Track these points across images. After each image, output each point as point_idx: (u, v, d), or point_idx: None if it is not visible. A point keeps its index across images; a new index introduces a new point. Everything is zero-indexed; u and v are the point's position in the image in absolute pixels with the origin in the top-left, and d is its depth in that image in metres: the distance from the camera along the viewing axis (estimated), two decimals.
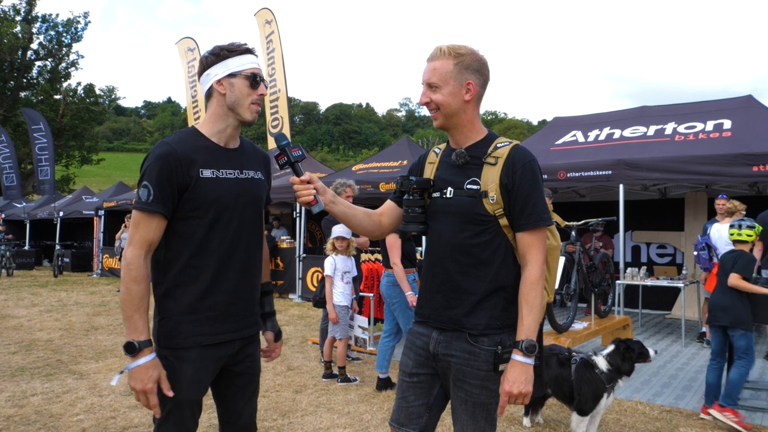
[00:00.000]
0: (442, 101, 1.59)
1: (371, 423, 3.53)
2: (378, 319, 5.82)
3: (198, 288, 1.61)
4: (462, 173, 1.63)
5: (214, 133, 1.68)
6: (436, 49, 1.61)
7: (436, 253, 1.66)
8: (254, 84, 1.66)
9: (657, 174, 6.28)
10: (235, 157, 1.71)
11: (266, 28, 10.69)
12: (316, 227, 13.52)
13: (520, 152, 1.60)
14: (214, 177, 1.63)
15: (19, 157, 21.37)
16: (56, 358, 5.15)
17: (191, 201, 1.59)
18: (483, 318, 1.59)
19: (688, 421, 3.64)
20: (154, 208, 1.55)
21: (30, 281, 12.83)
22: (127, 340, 1.52)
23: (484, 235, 1.59)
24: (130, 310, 1.52)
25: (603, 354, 3.20)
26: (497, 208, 1.57)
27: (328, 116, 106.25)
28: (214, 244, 1.63)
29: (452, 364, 1.62)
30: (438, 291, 1.65)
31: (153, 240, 1.57)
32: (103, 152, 34.59)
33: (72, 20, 26.74)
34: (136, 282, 1.52)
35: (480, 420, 1.61)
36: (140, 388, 1.51)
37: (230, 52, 1.65)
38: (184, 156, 1.58)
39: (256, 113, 1.68)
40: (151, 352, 1.53)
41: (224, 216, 1.64)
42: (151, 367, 1.52)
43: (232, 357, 1.69)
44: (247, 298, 1.71)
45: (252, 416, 1.81)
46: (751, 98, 7.62)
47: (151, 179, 1.55)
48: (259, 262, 1.78)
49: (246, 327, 1.71)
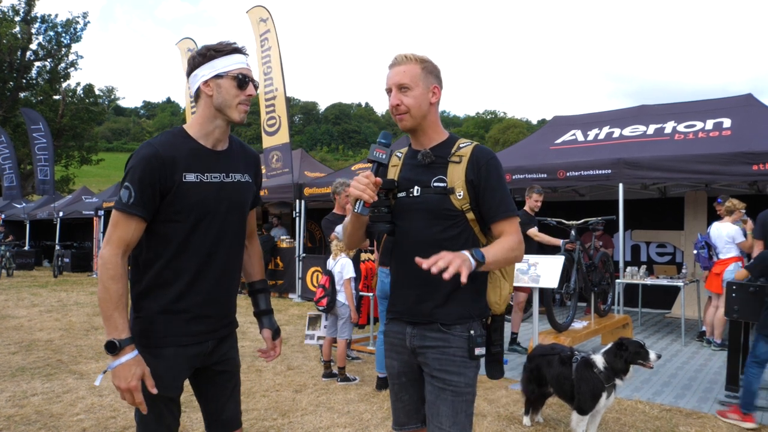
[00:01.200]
0: (412, 104, 1.68)
1: (371, 422, 3.53)
2: (377, 318, 5.82)
3: (175, 289, 1.61)
4: (428, 172, 1.71)
5: (202, 135, 1.66)
6: (399, 56, 1.70)
7: (406, 250, 1.72)
8: (242, 84, 1.63)
9: (657, 173, 6.28)
10: (222, 159, 1.69)
11: (261, 26, 10.45)
12: (315, 227, 13.52)
13: (483, 150, 1.71)
14: (197, 181, 1.61)
15: (18, 158, 21.35)
16: (56, 358, 5.15)
17: (173, 204, 1.58)
18: (455, 309, 1.67)
19: (688, 420, 3.65)
20: (134, 211, 1.54)
21: (30, 281, 12.82)
22: (108, 339, 1.51)
23: (452, 230, 1.67)
24: (109, 309, 1.51)
25: (601, 353, 3.20)
26: (464, 203, 1.66)
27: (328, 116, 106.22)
28: (194, 248, 1.62)
29: (428, 355, 1.68)
30: (410, 286, 1.72)
31: (131, 241, 1.57)
32: (103, 152, 34.54)
33: (71, 20, 26.70)
34: (113, 280, 1.52)
35: (460, 413, 1.64)
36: (124, 386, 1.50)
37: (217, 52, 1.62)
38: (168, 158, 1.56)
39: (245, 114, 1.66)
40: (133, 350, 1.53)
41: (205, 220, 1.63)
42: (134, 365, 1.51)
43: (207, 356, 1.70)
44: (223, 301, 1.71)
45: (235, 411, 1.81)
46: (751, 97, 7.62)
47: (134, 181, 1.53)
48: (239, 265, 1.78)
49: (220, 328, 1.72)
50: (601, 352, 3.21)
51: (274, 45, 10.09)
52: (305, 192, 9.83)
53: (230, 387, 1.79)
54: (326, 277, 4.61)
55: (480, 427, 3.45)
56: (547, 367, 3.33)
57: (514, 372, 4.70)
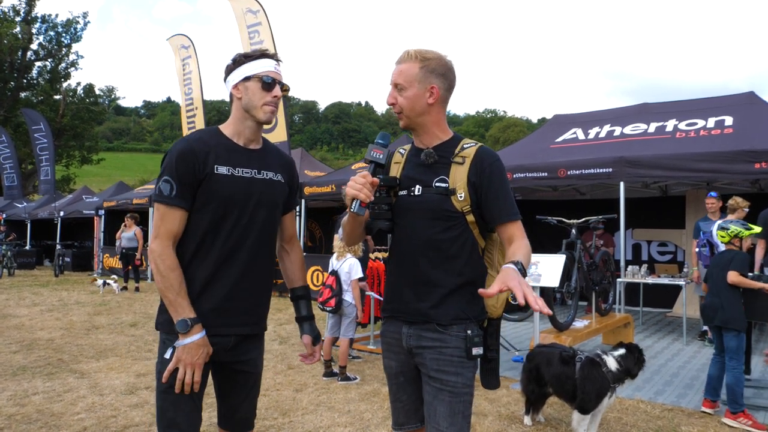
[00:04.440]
0: (405, 104, 1.67)
1: (371, 422, 3.53)
2: (378, 318, 5.82)
3: (199, 280, 1.65)
4: (430, 172, 1.69)
5: (234, 134, 1.74)
6: (404, 53, 1.69)
7: (405, 249, 1.71)
8: (267, 86, 1.70)
9: (658, 171, 6.26)
10: (255, 157, 1.76)
11: (248, 18, 9.98)
12: (315, 226, 13.53)
13: (487, 152, 1.69)
14: (228, 174, 1.67)
15: (19, 158, 21.39)
16: (57, 358, 5.15)
17: (203, 195, 1.64)
18: (451, 310, 1.64)
19: (690, 419, 3.64)
20: (176, 202, 1.62)
21: (31, 281, 12.83)
22: (179, 318, 1.58)
23: (452, 231, 1.65)
24: (172, 294, 1.59)
25: (614, 354, 3.20)
26: (465, 205, 1.64)
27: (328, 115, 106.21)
28: (220, 240, 1.66)
29: (425, 355, 1.66)
30: (407, 285, 1.70)
31: (177, 232, 1.64)
32: (103, 152, 34.59)
33: (71, 20, 26.74)
34: (171, 270, 1.60)
35: (457, 414, 1.62)
36: (190, 362, 1.58)
37: (246, 57, 1.73)
38: (201, 152, 1.65)
39: (271, 114, 1.73)
40: (201, 329, 1.60)
41: (233, 213, 1.67)
42: (203, 344, 1.60)
43: (228, 352, 1.71)
44: (246, 297, 1.72)
45: (249, 412, 1.83)
46: (753, 95, 7.60)
47: (173, 174, 1.62)
48: (267, 263, 1.79)
49: (242, 325, 1.73)
50: (614, 353, 3.22)
51: (267, 39, 9.77)
52: (305, 191, 9.82)
53: (248, 388, 1.81)
54: (332, 277, 4.60)
55: (481, 427, 3.44)
56: (547, 367, 3.32)
57: (514, 372, 4.69)
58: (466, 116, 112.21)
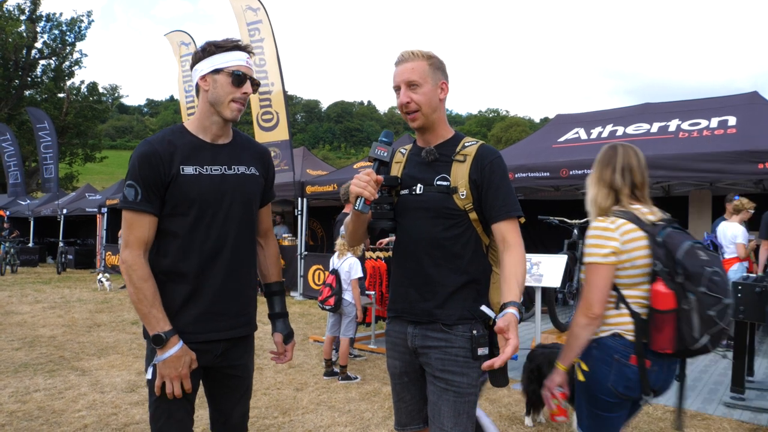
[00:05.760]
0: (423, 101, 1.65)
1: (372, 421, 3.52)
2: (379, 317, 5.81)
3: (183, 287, 1.59)
4: (431, 170, 1.69)
5: (200, 130, 1.65)
6: (406, 53, 1.67)
7: (408, 248, 1.70)
8: (237, 81, 1.60)
9: (660, 171, 6.22)
10: (224, 153, 1.66)
11: (248, 15, 9.85)
12: (317, 225, 13.53)
13: (488, 150, 1.68)
14: (196, 173, 1.59)
15: (23, 155, 21.46)
16: (59, 355, 5.16)
17: (172, 198, 1.57)
18: (456, 309, 1.64)
19: (693, 421, 3.62)
20: (143, 207, 1.55)
21: (34, 278, 12.88)
22: (153, 333, 1.53)
23: (455, 229, 1.64)
24: (146, 307, 1.53)
25: None
26: (467, 203, 1.64)
27: (330, 114, 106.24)
28: (197, 243, 1.60)
29: (431, 355, 1.65)
30: (411, 285, 1.69)
31: (148, 239, 1.57)
32: (107, 150, 34.65)
33: (75, 19, 26.81)
34: (143, 280, 1.53)
35: (462, 414, 1.61)
36: (175, 375, 1.54)
37: (218, 47, 1.61)
38: (165, 153, 1.56)
39: (238, 112, 1.63)
40: (178, 340, 1.55)
41: (207, 214, 1.60)
42: (183, 354, 1.55)
43: (219, 357, 1.67)
44: (234, 298, 1.66)
45: (242, 418, 1.78)
46: (757, 94, 7.55)
47: (137, 179, 1.54)
48: (250, 260, 1.73)
49: (233, 327, 1.67)
50: None
51: (268, 37, 9.69)
52: (307, 190, 9.83)
53: (239, 393, 1.75)
54: (332, 275, 4.59)
55: None
56: (548, 367, 3.30)
57: (514, 372, 4.68)
58: (469, 116, 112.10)
